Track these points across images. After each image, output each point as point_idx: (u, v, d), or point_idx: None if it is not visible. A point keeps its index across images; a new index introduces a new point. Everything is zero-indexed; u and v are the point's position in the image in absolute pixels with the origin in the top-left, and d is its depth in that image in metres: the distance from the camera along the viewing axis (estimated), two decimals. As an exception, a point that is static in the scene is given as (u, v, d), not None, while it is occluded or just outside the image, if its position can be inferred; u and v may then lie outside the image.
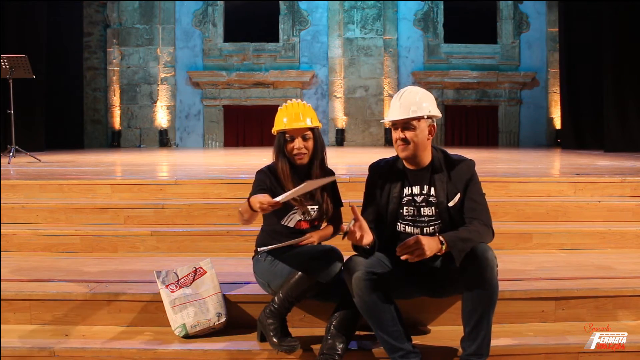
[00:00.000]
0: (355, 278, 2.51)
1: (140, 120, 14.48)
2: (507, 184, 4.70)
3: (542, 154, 9.96)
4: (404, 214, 2.73)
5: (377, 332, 2.56)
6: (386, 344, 2.55)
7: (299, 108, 2.87)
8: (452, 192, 2.67)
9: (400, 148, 2.66)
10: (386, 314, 2.53)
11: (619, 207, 4.37)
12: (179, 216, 4.25)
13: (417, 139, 2.64)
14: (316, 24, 14.60)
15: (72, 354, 2.71)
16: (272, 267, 2.81)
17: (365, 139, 14.50)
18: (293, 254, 2.75)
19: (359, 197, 3.96)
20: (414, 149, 2.65)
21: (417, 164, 2.71)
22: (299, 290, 2.68)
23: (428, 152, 2.71)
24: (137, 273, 3.38)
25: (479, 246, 2.50)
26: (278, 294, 2.72)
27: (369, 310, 2.53)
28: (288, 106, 2.89)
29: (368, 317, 2.56)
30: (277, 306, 2.71)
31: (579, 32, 11.94)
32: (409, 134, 2.64)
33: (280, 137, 2.86)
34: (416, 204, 2.71)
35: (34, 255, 3.89)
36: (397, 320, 2.55)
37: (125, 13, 14.37)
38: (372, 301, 2.51)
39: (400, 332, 2.54)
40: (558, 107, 13.67)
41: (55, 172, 6.26)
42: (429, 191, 2.70)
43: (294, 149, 2.83)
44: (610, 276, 3.28)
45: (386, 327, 2.53)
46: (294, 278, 2.67)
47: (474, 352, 2.53)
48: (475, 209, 2.64)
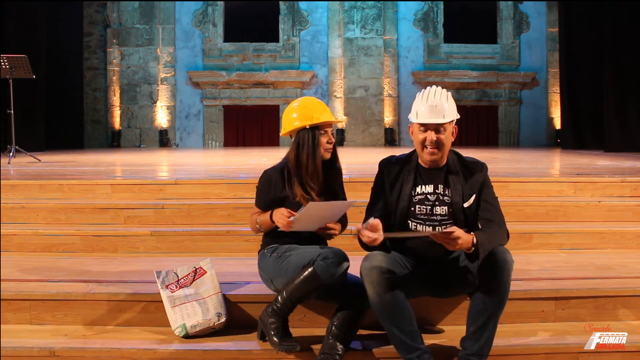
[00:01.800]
0: (374, 276, 2.49)
1: (140, 120, 14.48)
2: (507, 184, 4.69)
3: (542, 154, 9.96)
4: (417, 213, 2.72)
5: (392, 331, 2.52)
6: (403, 345, 2.52)
7: (320, 103, 2.87)
8: (467, 193, 2.69)
9: (431, 151, 2.65)
10: (404, 313, 2.51)
11: (619, 207, 4.37)
12: (179, 216, 4.25)
13: (446, 141, 2.66)
14: (316, 24, 14.59)
15: (72, 354, 2.71)
16: (277, 264, 2.80)
17: (365, 139, 14.49)
18: (299, 253, 2.74)
19: (359, 197, 3.96)
20: (441, 153, 2.67)
21: (436, 164, 2.71)
22: (304, 290, 2.66)
23: (447, 153, 2.73)
24: (137, 273, 3.38)
25: (498, 248, 2.54)
26: (282, 294, 2.71)
27: (386, 310, 2.50)
28: (308, 101, 2.87)
29: (384, 316, 2.52)
30: (280, 305, 2.69)
31: (579, 32, 11.93)
32: (441, 137, 2.63)
33: (309, 133, 2.80)
34: (429, 202, 2.71)
35: (34, 255, 3.88)
36: (413, 320, 2.54)
37: (125, 13, 14.36)
38: (390, 300, 2.49)
39: (417, 332, 2.53)
40: (558, 107, 13.66)
41: (55, 172, 6.26)
42: (444, 191, 2.71)
43: (327, 142, 2.82)
44: (610, 276, 3.28)
45: (404, 326, 2.50)
46: (300, 278, 2.65)
47: (475, 352, 2.53)
48: (491, 211, 2.68)
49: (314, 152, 2.80)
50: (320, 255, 2.63)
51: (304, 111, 2.82)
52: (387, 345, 2.74)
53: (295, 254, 2.76)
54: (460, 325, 2.68)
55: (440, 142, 2.63)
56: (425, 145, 2.66)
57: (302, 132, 2.81)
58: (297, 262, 2.72)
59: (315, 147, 2.80)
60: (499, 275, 2.49)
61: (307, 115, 2.81)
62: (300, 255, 2.73)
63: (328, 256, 2.61)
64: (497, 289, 2.50)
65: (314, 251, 2.69)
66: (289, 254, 2.78)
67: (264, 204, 2.88)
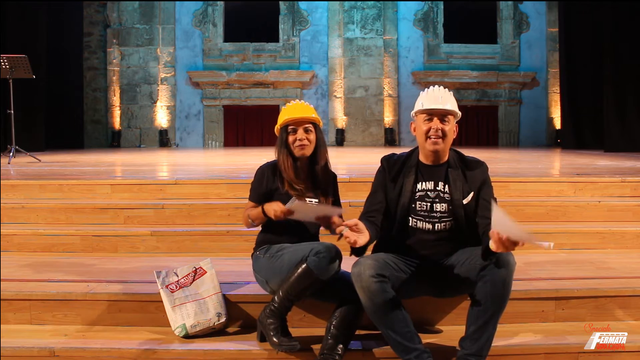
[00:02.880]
0: (364, 281, 2.50)
1: (140, 120, 14.48)
2: (507, 184, 4.70)
3: (542, 154, 9.96)
4: (417, 209, 2.74)
5: (388, 334, 2.53)
6: (399, 346, 2.52)
7: (301, 104, 2.98)
8: (466, 191, 2.71)
9: (434, 140, 2.69)
10: (398, 315, 2.52)
11: (619, 207, 4.37)
12: (179, 216, 4.25)
13: (449, 134, 2.71)
14: (316, 24, 14.60)
15: (72, 354, 2.71)
16: (270, 264, 2.81)
17: (365, 139, 14.50)
18: (291, 251, 2.76)
19: (359, 197, 3.97)
20: (445, 143, 2.71)
21: (437, 160, 2.74)
22: (299, 288, 2.67)
23: (448, 149, 2.76)
24: (137, 273, 3.38)
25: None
26: (278, 293, 2.72)
27: (379, 313, 2.51)
28: (290, 105, 2.99)
29: (378, 320, 2.53)
30: (277, 305, 2.70)
31: (579, 32, 11.94)
32: (445, 127, 2.69)
33: (283, 132, 2.94)
34: (429, 199, 2.73)
35: (34, 255, 3.88)
36: (408, 321, 2.54)
37: (125, 13, 14.37)
38: (382, 303, 2.50)
39: (413, 333, 2.53)
40: (558, 107, 13.66)
41: (55, 172, 6.26)
42: (444, 188, 2.73)
43: (296, 139, 2.89)
44: (610, 276, 3.28)
45: (398, 328, 2.51)
46: (294, 276, 2.66)
47: (474, 352, 2.53)
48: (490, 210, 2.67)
49: (283, 150, 2.93)
50: (313, 251, 2.65)
51: (282, 113, 2.98)
52: (387, 345, 2.74)
53: (288, 252, 2.78)
54: (460, 325, 2.68)
55: (444, 131, 2.68)
56: (429, 135, 2.69)
57: (281, 131, 2.96)
58: (290, 259, 2.74)
59: (282, 146, 2.93)
60: (502, 276, 2.50)
61: (280, 117, 2.97)
62: (293, 252, 2.75)
63: (320, 251, 2.63)
64: (498, 290, 2.50)
65: (306, 247, 2.70)
66: (281, 253, 2.80)
67: (256, 197, 2.93)
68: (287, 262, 2.74)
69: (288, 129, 2.91)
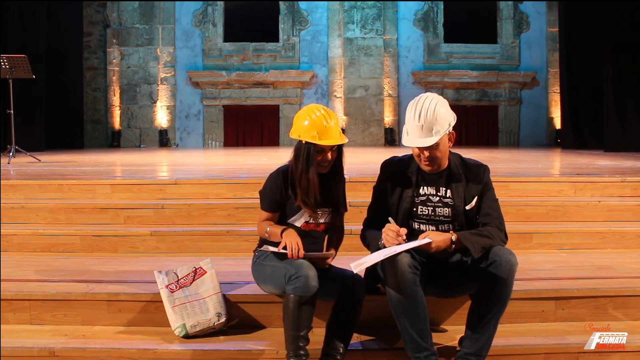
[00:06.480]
0: (401, 268, 2.48)
1: (140, 120, 14.47)
2: (507, 184, 4.70)
3: (542, 154, 9.96)
4: (419, 213, 2.74)
5: (404, 327, 2.51)
6: (413, 343, 2.51)
7: (334, 127, 2.76)
8: (469, 195, 2.70)
9: (426, 164, 2.67)
10: (420, 311, 2.51)
11: (619, 207, 4.37)
12: (179, 216, 4.25)
13: (441, 154, 2.66)
14: (316, 24, 14.59)
15: (72, 354, 2.71)
16: (259, 269, 2.86)
17: (365, 139, 14.49)
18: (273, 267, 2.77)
19: (358, 197, 3.98)
20: (439, 162, 2.68)
21: (436, 169, 2.72)
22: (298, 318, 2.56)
23: (447, 157, 2.74)
24: (137, 273, 3.38)
25: (504, 250, 2.55)
26: (286, 337, 2.59)
27: (404, 303, 2.49)
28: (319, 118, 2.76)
29: (400, 310, 2.51)
30: (292, 346, 2.57)
31: (579, 32, 11.93)
32: (434, 153, 2.64)
33: (310, 147, 2.74)
34: (431, 204, 2.73)
35: (34, 255, 3.88)
36: (427, 319, 2.54)
37: (125, 13, 14.36)
38: (411, 295, 2.49)
39: (428, 332, 2.53)
40: (558, 107, 13.65)
41: (55, 172, 6.26)
42: (445, 193, 2.73)
43: (324, 159, 2.77)
44: (610, 276, 3.28)
45: (418, 324, 2.50)
46: (286, 314, 2.58)
47: (474, 352, 2.53)
48: (491, 214, 2.69)
49: (307, 167, 2.75)
50: (286, 276, 2.62)
51: (311, 125, 2.74)
52: (388, 345, 2.75)
53: (270, 265, 2.79)
54: (462, 325, 2.68)
55: (433, 157, 2.65)
56: (420, 159, 2.69)
57: (301, 144, 2.77)
58: (271, 274, 2.77)
59: (309, 163, 2.75)
60: (504, 276, 2.50)
61: (311, 131, 2.73)
62: (273, 270, 2.76)
63: (292, 275, 2.59)
64: (499, 290, 2.51)
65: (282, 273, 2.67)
66: (266, 263, 2.82)
67: (268, 206, 2.88)
68: (270, 276, 2.78)
69: (317, 147, 2.74)
